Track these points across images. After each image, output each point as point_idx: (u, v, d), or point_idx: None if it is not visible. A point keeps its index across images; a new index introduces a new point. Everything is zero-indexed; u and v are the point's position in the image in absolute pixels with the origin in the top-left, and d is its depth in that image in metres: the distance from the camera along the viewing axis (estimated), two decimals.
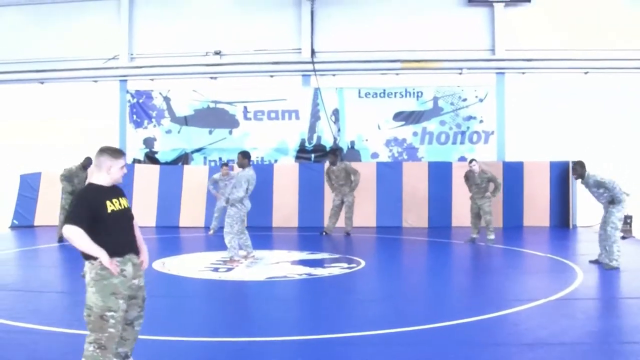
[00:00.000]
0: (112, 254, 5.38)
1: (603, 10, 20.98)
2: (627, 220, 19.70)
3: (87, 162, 15.80)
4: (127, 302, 5.58)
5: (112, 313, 5.36)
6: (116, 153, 5.69)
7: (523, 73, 21.22)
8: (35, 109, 22.46)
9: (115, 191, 5.71)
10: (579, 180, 13.04)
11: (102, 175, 5.62)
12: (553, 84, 21.07)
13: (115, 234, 5.54)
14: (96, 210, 5.39)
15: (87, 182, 5.76)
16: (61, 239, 15.60)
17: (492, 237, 16.07)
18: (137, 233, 5.90)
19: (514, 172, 20.00)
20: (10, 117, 22.58)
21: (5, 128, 22.51)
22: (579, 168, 12.77)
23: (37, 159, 21.63)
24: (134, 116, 22.03)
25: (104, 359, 5.34)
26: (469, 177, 16.43)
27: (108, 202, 5.51)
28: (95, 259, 5.35)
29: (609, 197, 12.37)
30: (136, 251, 5.77)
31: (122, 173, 5.69)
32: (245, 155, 13.26)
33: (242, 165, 13.22)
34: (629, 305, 9.38)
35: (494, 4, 21.04)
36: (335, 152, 19.21)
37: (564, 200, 20.16)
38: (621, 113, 20.63)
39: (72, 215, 5.33)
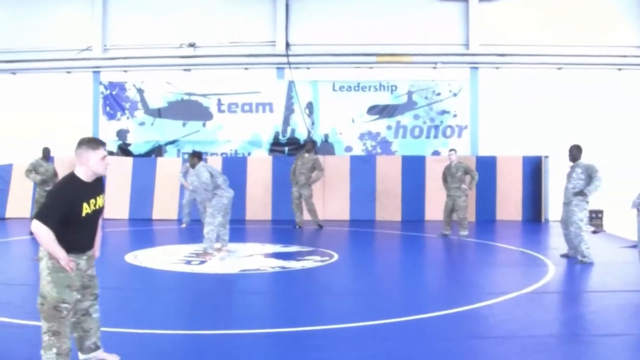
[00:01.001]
0: (72, 250, 5.36)
1: (577, 6, 21.14)
2: (598, 215, 19.86)
3: (46, 152, 15.68)
4: (80, 292, 5.57)
5: (65, 305, 5.33)
6: (94, 143, 5.54)
7: (497, 68, 21.30)
8: (7, 100, 22.19)
9: (95, 189, 5.57)
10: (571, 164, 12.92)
11: (83, 168, 5.48)
12: (527, 79, 21.18)
13: (82, 234, 5.50)
14: (71, 211, 5.29)
15: (70, 172, 5.61)
16: None
17: (464, 233, 16.07)
18: (99, 224, 5.83)
19: (487, 167, 20.03)
20: None
21: None
22: (575, 151, 12.75)
23: (9, 150, 21.39)
24: (107, 108, 21.86)
25: (60, 343, 5.29)
26: (446, 170, 16.39)
27: (85, 204, 5.39)
28: None
29: (582, 187, 12.35)
30: (91, 247, 5.73)
31: (104, 165, 5.52)
32: (195, 155, 13.50)
33: (193, 165, 13.35)
34: (599, 298, 9.43)
35: None
36: (314, 142, 19.33)
37: (536, 195, 20.29)
38: (594, 109, 20.78)
39: (45, 212, 5.25)
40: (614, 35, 21.08)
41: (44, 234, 5.16)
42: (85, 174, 5.49)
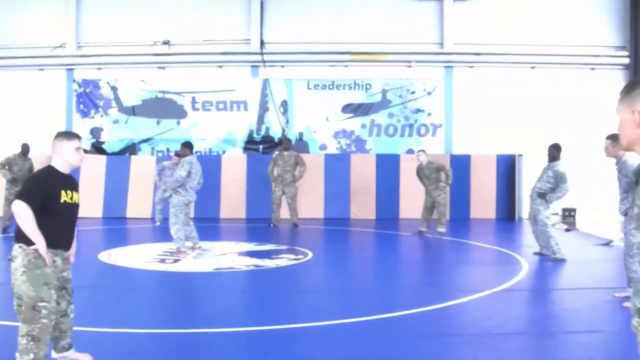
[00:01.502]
0: (49, 244, 5.29)
1: (550, 6, 21.27)
2: (571, 213, 20.02)
3: (25, 149, 15.51)
4: (57, 292, 5.50)
5: (44, 303, 5.23)
6: (69, 134, 5.65)
7: (471, 67, 21.40)
8: None
9: (70, 182, 5.59)
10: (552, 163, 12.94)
11: (59, 159, 5.54)
12: (500, 78, 21.31)
13: (60, 226, 5.45)
14: (49, 196, 5.29)
15: (47, 165, 5.63)
16: (5, 230, 15.26)
17: (442, 230, 16.07)
18: (75, 228, 5.81)
19: (461, 165, 20.06)
20: None
21: None
22: (553, 150, 12.77)
23: None
24: (81, 105, 21.71)
25: (38, 350, 5.19)
26: (419, 171, 16.45)
27: (62, 192, 5.40)
28: (27, 243, 5.23)
29: (547, 190, 12.41)
30: (69, 246, 5.70)
31: (78, 156, 5.57)
32: (187, 145, 13.36)
33: (184, 155, 13.26)
34: (570, 295, 9.48)
35: None
36: (289, 140, 19.35)
37: (510, 193, 20.38)
38: (567, 108, 20.93)
39: (27, 193, 5.25)
40: (586, 35, 21.27)
41: (26, 213, 5.16)
42: (60, 165, 5.55)
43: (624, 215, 9.05)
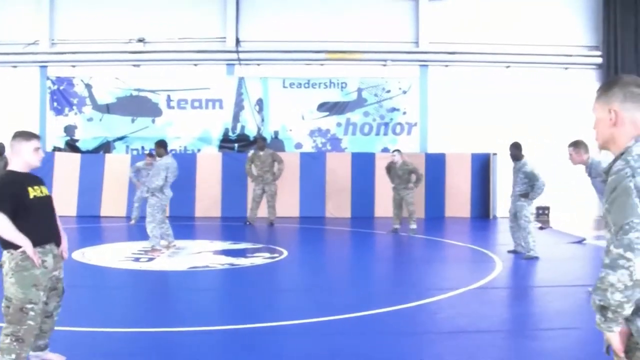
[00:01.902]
0: (34, 242, 5.25)
1: (525, 5, 21.41)
2: (545, 211, 20.16)
3: (0, 148, 15.42)
4: (47, 293, 5.46)
5: (32, 305, 5.22)
6: (27, 134, 5.56)
7: (446, 66, 21.47)
8: None
9: (34, 179, 5.55)
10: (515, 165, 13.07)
11: (18, 160, 5.48)
12: (475, 77, 21.41)
13: (38, 221, 5.40)
14: (18, 196, 5.26)
15: (6, 170, 5.59)
16: None
17: (414, 226, 16.21)
18: (58, 223, 5.78)
19: (436, 164, 20.19)
20: None
21: None
22: (514, 149, 12.93)
23: None
24: (55, 103, 21.50)
25: (21, 352, 5.18)
26: (390, 168, 16.52)
27: (29, 188, 5.38)
28: (15, 248, 5.21)
29: (525, 190, 12.52)
30: (57, 242, 5.64)
31: (37, 156, 5.52)
32: (161, 145, 13.35)
33: (160, 155, 13.21)
34: (545, 293, 9.62)
35: None
36: (263, 138, 19.37)
37: (485, 192, 20.50)
38: (541, 107, 21.07)
39: None
40: (560, 35, 21.42)
41: (2, 220, 5.13)
42: (19, 166, 5.51)
43: None
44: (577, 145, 9.31)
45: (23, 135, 5.53)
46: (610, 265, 2.75)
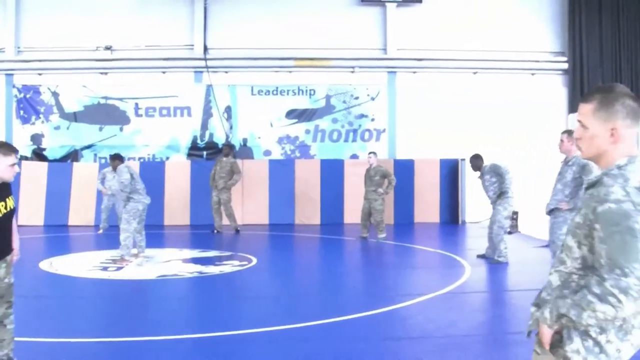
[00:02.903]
0: None
1: (491, 12, 21.63)
2: (514, 216, 20.24)
3: None
4: None
5: None
6: (6, 149, 5.40)
7: (414, 72, 21.57)
8: None
9: (4, 191, 5.44)
10: (478, 174, 13.18)
11: None
12: (443, 83, 21.54)
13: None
14: None
15: None
16: None
17: (382, 235, 16.16)
18: (14, 226, 5.70)
19: (404, 170, 20.23)
20: None
21: None
22: (474, 160, 13.02)
23: None
24: (21, 112, 21.29)
25: None
26: (367, 171, 16.47)
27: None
28: None
29: (498, 189, 12.60)
30: (10, 251, 5.59)
31: (12, 172, 5.39)
32: (117, 157, 13.46)
33: (114, 167, 13.33)
34: (513, 297, 9.70)
35: (386, 3, 21.37)
36: (231, 146, 19.41)
37: (454, 197, 20.60)
38: (508, 112, 21.29)
39: None
40: (527, 41, 21.68)
41: None
42: None
43: (548, 213, 9.19)
44: (571, 134, 9.36)
45: (1, 149, 5.36)
46: (599, 296, 2.77)
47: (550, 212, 9.13)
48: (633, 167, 2.95)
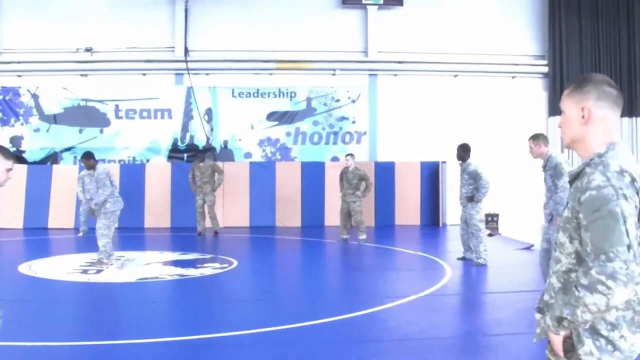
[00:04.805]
0: None
1: (472, 16, 21.72)
2: (494, 218, 20.34)
3: None
4: None
5: None
6: (7, 153, 4.98)
7: (395, 75, 21.62)
8: None
9: None
10: (459, 163, 13.17)
11: None
12: (424, 86, 21.60)
13: None
14: None
15: None
16: None
17: (363, 237, 16.14)
18: None
19: (385, 172, 20.30)
20: None
21: None
22: (461, 150, 13.00)
23: None
24: (0, 114, 21.21)
25: None
26: (342, 173, 16.48)
27: None
28: None
29: (471, 192, 12.62)
30: None
31: (6, 177, 4.97)
32: (89, 156, 12.87)
33: (91, 166, 12.91)
34: (494, 299, 9.72)
35: (367, 6, 21.42)
36: (212, 150, 19.41)
37: (434, 199, 20.66)
38: (488, 115, 21.39)
39: None
40: (507, 45, 21.80)
41: None
42: None
43: (548, 222, 9.25)
44: (536, 138, 9.45)
45: (2, 153, 4.98)
46: (587, 287, 2.72)
47: (550, 220, 9.20)
48: (613, 154, 2.96)
